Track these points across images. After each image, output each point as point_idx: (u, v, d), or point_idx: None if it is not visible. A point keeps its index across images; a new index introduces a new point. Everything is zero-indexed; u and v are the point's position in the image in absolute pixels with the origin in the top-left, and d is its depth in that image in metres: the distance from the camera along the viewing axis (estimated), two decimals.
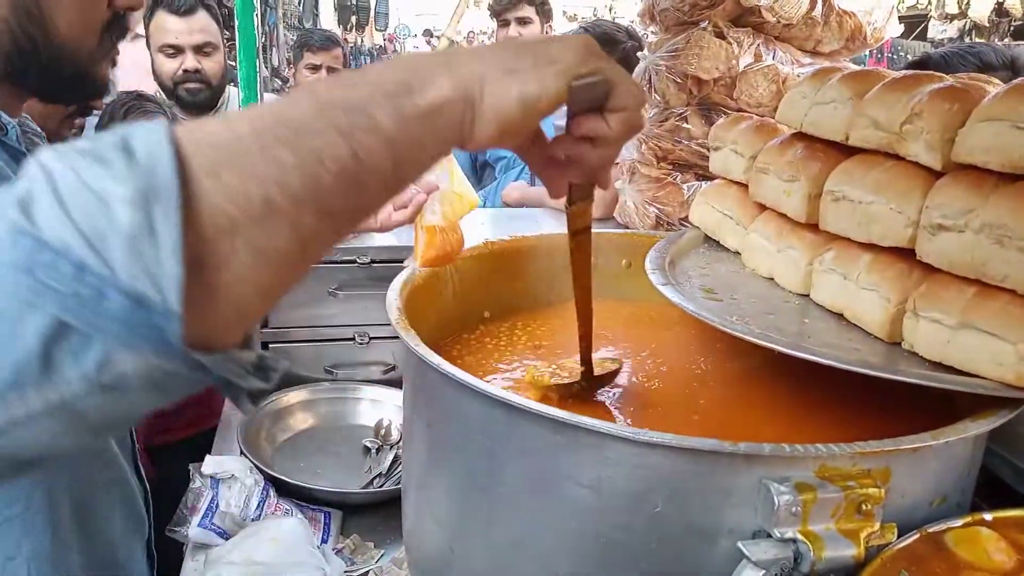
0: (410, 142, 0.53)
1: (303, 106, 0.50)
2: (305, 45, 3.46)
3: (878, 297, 0.89)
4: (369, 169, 0.50)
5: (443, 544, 0.89)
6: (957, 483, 0.80)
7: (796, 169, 1.03)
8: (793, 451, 0.68)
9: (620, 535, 0.72)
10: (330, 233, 0.51)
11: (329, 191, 0.49)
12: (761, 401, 1.00)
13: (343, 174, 0.49)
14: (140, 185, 0.42)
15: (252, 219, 0.46)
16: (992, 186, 0.79)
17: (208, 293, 0.44)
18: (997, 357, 0.76)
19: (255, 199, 0.46)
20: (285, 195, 0.46)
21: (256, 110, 0.51)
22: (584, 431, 0.71)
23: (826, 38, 1.84)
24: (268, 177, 0.46)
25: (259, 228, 0.46)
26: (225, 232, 0.45)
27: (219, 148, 0.46)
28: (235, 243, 0.45)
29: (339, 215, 0.51)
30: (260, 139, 0.47)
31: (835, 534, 0.67)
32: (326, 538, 1.36)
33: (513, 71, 0.56)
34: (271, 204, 0.46)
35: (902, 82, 0.94)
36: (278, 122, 0.48)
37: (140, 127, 0.45)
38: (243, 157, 0.46)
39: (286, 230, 0.47)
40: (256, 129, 0.47)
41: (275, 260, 0.47)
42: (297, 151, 0.47)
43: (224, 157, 0.46)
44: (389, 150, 0.51)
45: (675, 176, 1.89)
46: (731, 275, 1.12)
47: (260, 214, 0.46)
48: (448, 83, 0.54)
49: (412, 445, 0.98)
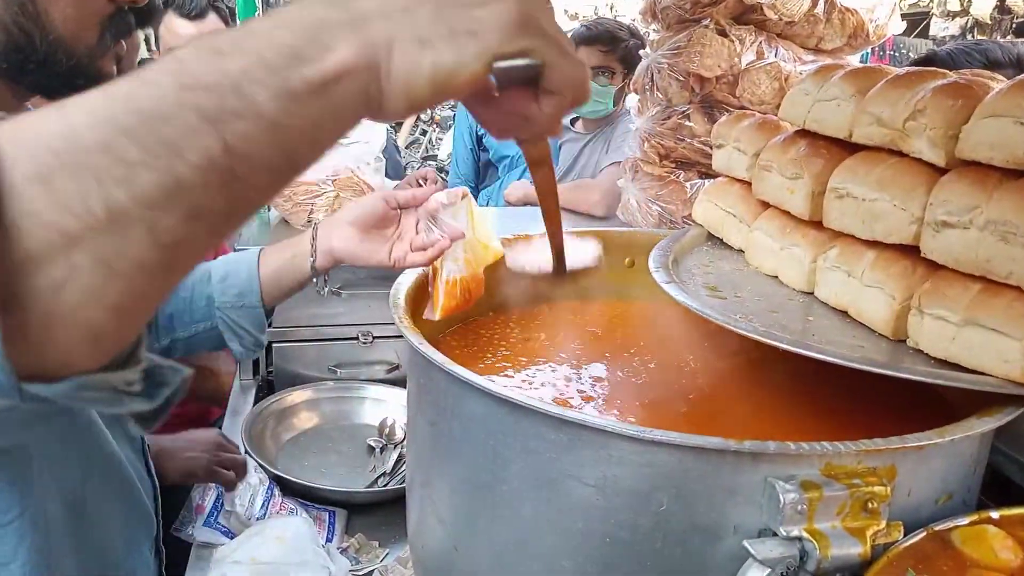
0: (301, 124, 0.45)
1: (161, 87, 0.42)
2: None
3: (882, 294, 0.89)
4: (247, 160, 0.43)
5: (447, 543, 0.89)
6: (963, 481, 0.79)
7: (799, 166, 1.03)
8: (799, 449, 0.67)
9: (625, 534, 0.72)
10: (205, 235, 0.44)
11: (192, 189, 0.42)
12: (765, 400, 1.00)
13: (211, 169, 0.42)
14: None
15: (94, 229, 0.39)
16: (996, 182, 0.79)
17: (44, 321, 0.39)
18: (1003, 354, 0.76)
19: (96, 205, 0.39)
20: (133, 197, 0.40)
21: (103, 94, 0.42)
22: (589, 429, 0.71)
23: (828, 35, 1.83)
24: (111, 178, 0.40)
25: (105, 239, 0.40)
26: (60, 249, 0.39)
27: (50, 148, 0.40)
28: (74, 259, 0.39)
29: (212, 215, 0.43)
30: (100, 132, 0.40)
31: (841, 532, 0.67)
32: (331, 537, 1.37)
33: (426, 40, 0.47)
34: (117, 210, 0.40)
35: (905, 79, 0.94)
36: (127, 110, 0.41)
37: None
38: (79, 156, 0.40)
39: (141, 237, 0.41)
40: (98, 119, 0.41)
41: (129, 273, 0.41)
42: (145, 144, 0.40)
43: (56, 159, 0.39)
44: (272, 136, 0.44)
45: (678, 174, 1.88)
46: (735, 273, 1.11)
47: (105, 222, 0.40)
48: (349, 48, 0.45)
49: (416, 444, 0.98)
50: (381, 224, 1.16)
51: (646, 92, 1.91)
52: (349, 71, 0.45)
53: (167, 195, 0.41)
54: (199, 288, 1.18)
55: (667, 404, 0.99)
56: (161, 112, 0.41)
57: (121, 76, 0.44)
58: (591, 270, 0.98)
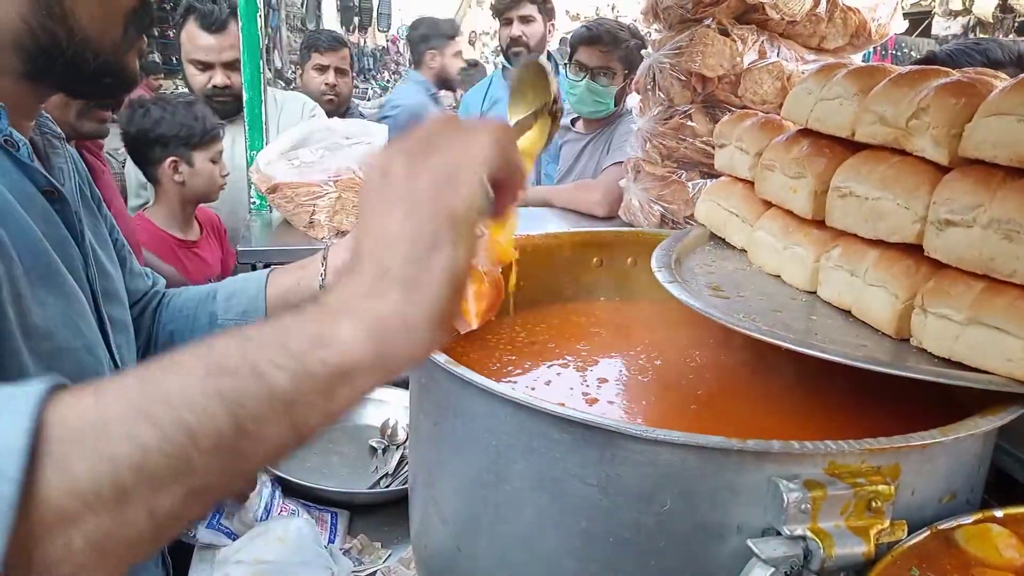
0: (315, 400, 0.48)
1: (191, 373, 0.46)
2: (312, 46, 3.47)
3: (886, 293, 0.88)
4: (255, 437, 0.46)
5: (450, 543, 0.89)
6: (967, 480, 0.79)
7: (802, 165, 1.03)
8: (802, 448, 0.67)
9: (628, 534, 0.72)
10: (198, 510, 0.47)
11: (197, 471, 0.45)
12: (768, 399, 1.00)
13: (220, 449, 0.45)
14: None
15: (96, 510, 0.42)
16: (1000, 181, 0.79)
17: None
18: (1006, 353, 0.75)
19: (104, 486, 0.42)
20: (141, 479, 0.43)
21: (139, 379, 0.46)
22: (591, 429, 0.71)
23: (830, 34, 1.83)
24: (123, 460, 0.43)
25: (104, 518, 0.43)
26: (61, 528, 0.42)
27: (80, 431, 0.43)
28: (72, 538, 0.42)
29: (209, 491, 0.46)
30: (127, 416, 0.44)
31: (845, 531, 0.67)
32: (333, 538, 1.37)
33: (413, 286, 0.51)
34: (123, 491, 0.43)
35: (908, 77, 0.94)
36: (155, 395, 0.44)
37: (5, 412, 0.42)
38: (100, 440, 0.43)
39: (139, 516, 0.44)
40: (129, 405, 0.44)
41: (123, 548, 0.44)
42: (163, 430, 0.43)
43: (79, 442, 0.43)
44: (286, 414, 0.47)
45: (680, 174, 1.88)
46: (737, 272, 1.11)
47: (109, 503, 0.43)
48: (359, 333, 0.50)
49: (419, 444, 0.98)
50: None
51: (648, 92, 1.91)
52: (360, 351, 0.49)
53: (173, 477, 0.44)
54: (202, 306, 1.17)
55: (670, 404, 0.99)
56: (185, 400, 0.44)
57: (161, 357, 0.48)
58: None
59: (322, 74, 3.44)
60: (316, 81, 3.42)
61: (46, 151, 0.95)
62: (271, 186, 2.27)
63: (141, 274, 1.18)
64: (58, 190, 0.88)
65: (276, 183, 2.25)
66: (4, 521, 0.40)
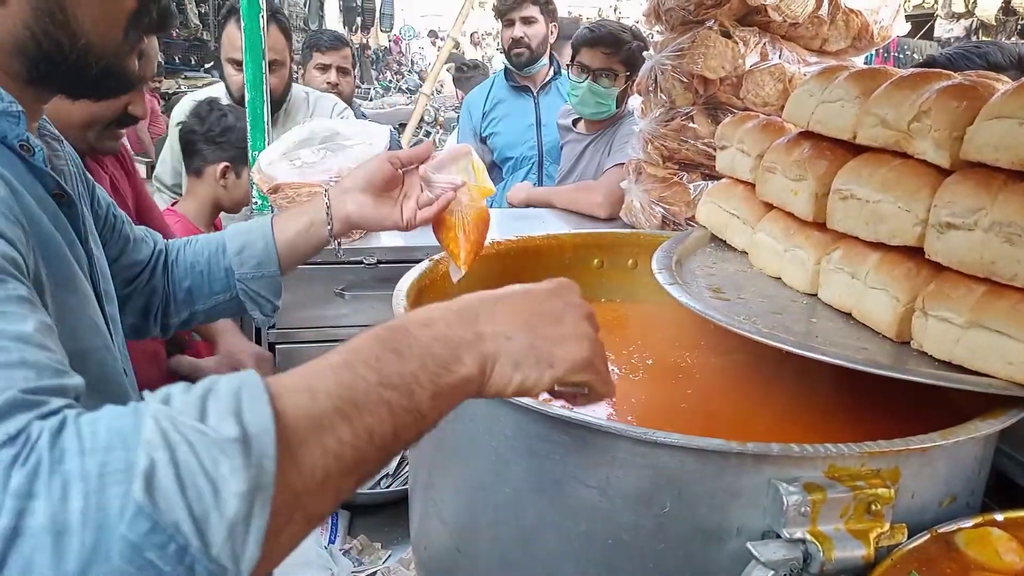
0: (436, 415, 0.60)
1: (368, 383, 0.56)
2: (314, 46, 3.47)
3: (886, 296, 0.88)
4: (402, 441, 0.58)
5: (450, 544, 0.89)
6: (967, 483, 0.79)
7: (803, 168, 1.02)
8: (802, 451, 0.67)
9: (627, 536, 0.72)
10: (357, 489, 0.58)
11: (371, 463, 0.55)
12: (768, 402, 0.99)
13: (383, 448, 0.56)
14: (252, 484, 0.47)
15: (310, 492, 0.51)
16: (1001, 184, 0.79)
17: (261, 558, 0.48)
18: (1007, 356, 0.75)
19: (318, 474, 0.51)
20: (340, 468, 0.53)
21: (337, 375, 0.55)
22: (591, 431, 0.71)
23: (832, 37, 1.83)
24: (331, 451, 0.52)
25: (313, 499, 0.51)
26: (289, 506, 0.50)
27: (303, 425, 0.51)
28: (294, 515, 0.50)
29: (369, 477, 0.58)
30: (332, 415, 0.53)
31: (845, 534, 0.67)
32: (333, 538, 1.37)
33: (519, 364, 0.65)
34: (328, 478, 0.52)
35: (909, 80, 0.93)
36: (348, 398, 0.54)
37: (247, 398, 0.49)
38: (316, 434, 0.52)
39: (331, 497, 0.53)
40: (332, 405, 0.53)
41: (315, 522, 0.53)
42: (355, 429, 0.53)
43: (303, 434, 0.51)
44: (420, 424, 0.59)
45: (681, 176, 1.88)
46: (738, 274, 1.11)
47: (317, 487, 0.51)
48: (472, 362, 0.63)
49: (419, 445, 0.97)
50: (388, 186, 1.17)
51: (650, 94, 1.91)
52: (470, 379, 0.63)
53: (357, 466, 0.54)
54: (215, 260, 1.19)
55: (670, 406, 0.99)
56: (367, 406, 0.55)
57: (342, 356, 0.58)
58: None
59: (324, 73, 3.44)
60: (318, 80, 3.42)
61: (48, 154, 0.95)
62: (272, 186, 2.27)
63: (143, 239, 1.19)
64: (67, 193, 0.89)
65: (278, 183, 2.25)
66: (270, 493, 0.47)
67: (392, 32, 14.45)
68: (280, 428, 0.49)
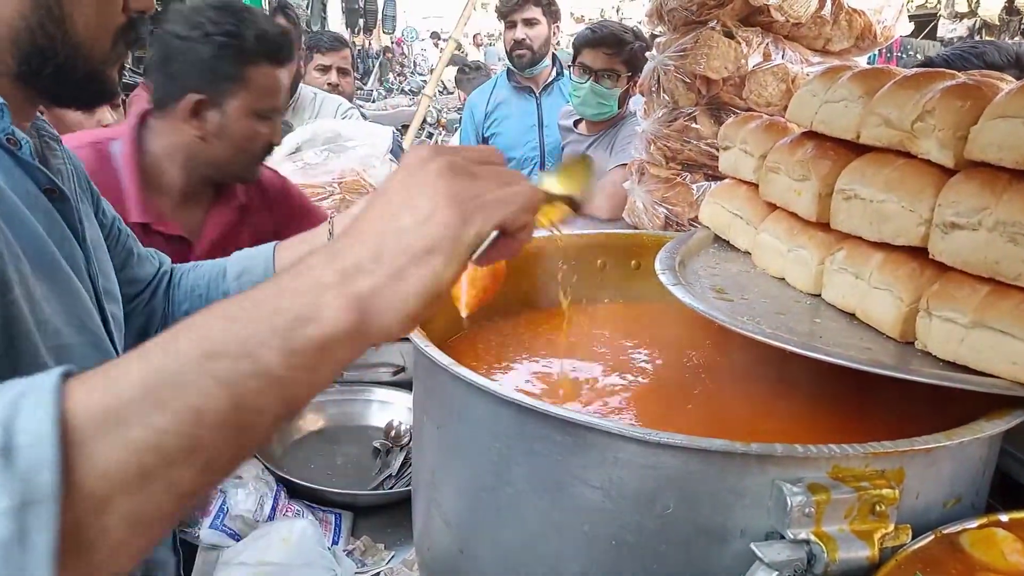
0: (301, 376, 0.51)
1: (187, 358, 0.49)
2: (314, 47, 3.48)
3: (890, 296, 0.88)
4: (254, 413, 0.50)
5: (453, 545, 0.89)
6: (972, 484, 0.79)
7: (807, 168, 1.02)
8: (806, 452, 0.67)
9: (630, 537, 0.72)
10: (214, 480, 0.51)
11: (207, 447, 0.48)
12: (772, 402, 0.99)
13: (224, 426, 0.49)
14: (19, 499, 0.42)
15: (127, 492, 0.46)
16: (1005, 183, 0.79)
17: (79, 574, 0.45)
18: (1012, 356, 0.75)
19: (131, 471, 0.46)
20: (163, 460, 0.46)
21: (147, 360, 0.49)
22: (594, 431, 0.71)
23: (835, 37, 1.83)
24: (142, 443, 0.46)
25: (133, 498, 0.46)
26: (97, 512, 0.45)
27: (99, 418, 0.46)
28: (109, 521, 0.45)
29: (221, 463, 0.50)
30: (140, 402, 0.47)
31: (849, 535, 0.66)
32: (337, 539, 1.37)
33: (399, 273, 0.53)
34: (149, 473, 0.46)
35: (913, 79, 0.93)
36: (160, 380, 0.48)
37: (28, 403, 0.45)
38: (120, 426, 0.46)
39: (161, 493, 0.47)
40: (140, 391, 0.47)
41: (150, 524, 0.48)
42: (175, 413, 0.47)
43: (100, 429, 0.45)
44: (278, 390, 0.50)
45: (684, 176, 1.88)
46: (741, 275, 1.11)
47: (136, 485, 0.46)
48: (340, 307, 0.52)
49: (422, 446, 0.98)
50: None
51: (652, 94, 1.91)
52: (337, 326, 0.51)
53: (191, 454, 0.47)
54: (214, 285, 1.19)
55: (673, 406, 0.99)
56: (188, 381, 0.48)
57: (162, 336, 0.51)
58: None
59: (324, 74, 3.45)
60: (318, 81, 3.43)
61: (44, 153, 0.96)
62: None
63: (148, 257, 1.19)
64: (59, 189, 0.89)
65: None
66: (52, 507, 0.43)
67: (394, 34, 14.46)
68: (68, 431, 0.44)
